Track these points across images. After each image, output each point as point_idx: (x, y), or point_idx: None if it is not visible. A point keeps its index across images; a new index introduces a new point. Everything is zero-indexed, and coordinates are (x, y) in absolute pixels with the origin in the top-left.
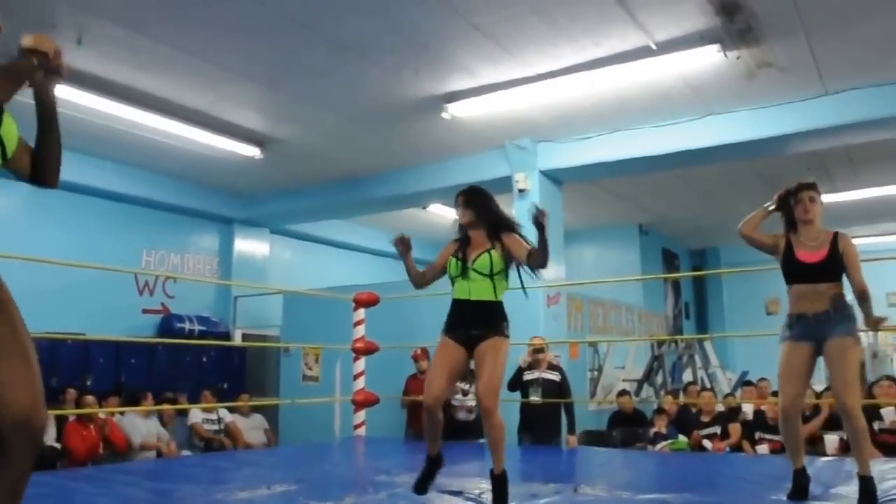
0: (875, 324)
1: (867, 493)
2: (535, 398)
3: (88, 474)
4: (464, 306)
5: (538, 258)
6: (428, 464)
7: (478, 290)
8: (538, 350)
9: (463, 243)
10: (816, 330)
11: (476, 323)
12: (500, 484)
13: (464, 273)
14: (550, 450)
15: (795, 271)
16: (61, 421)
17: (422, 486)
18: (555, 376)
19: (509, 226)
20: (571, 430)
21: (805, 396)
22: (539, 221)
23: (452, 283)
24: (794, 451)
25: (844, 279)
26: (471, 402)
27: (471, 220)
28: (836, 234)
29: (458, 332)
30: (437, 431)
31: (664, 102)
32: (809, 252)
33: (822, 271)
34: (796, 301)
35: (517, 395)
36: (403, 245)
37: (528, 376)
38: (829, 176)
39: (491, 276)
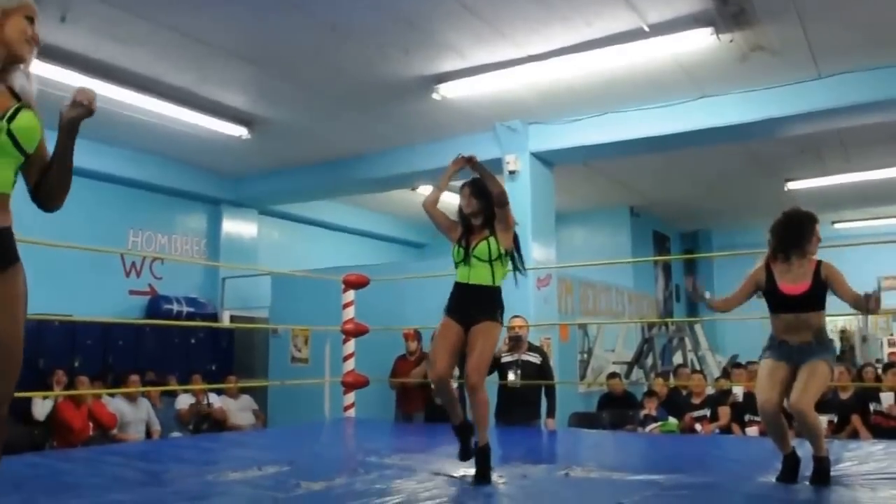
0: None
1: (822, 472)
2: (513, 380)
3: (79, 455)
4: (464, 289)
5: (494, 192)
6: (457, 432)
7: (477, 275)
8: (515, 338)
9: (466, 231)
10: (797, 356)
11: (474, 305)
12: (483, 455)
13: (466, 259)
14: (534, 431)
15: (779, 303)
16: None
17: (465, 454)
18: (535, 358)
19: (500, 203)
20: (551, 414)
21: (784, 398)
22: (474, 166)
23: (456, 267)
24: (779, 441)
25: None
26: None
27: (476, 209)
28: (818, 264)
29: (458, 313)
30: (454, 403)
31: (657, 84)
32: (792, 284)
33: (806, 302)
34: (781, 330)
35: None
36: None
37: (506, 358)
38: (820, 159)
39: (490, 261)
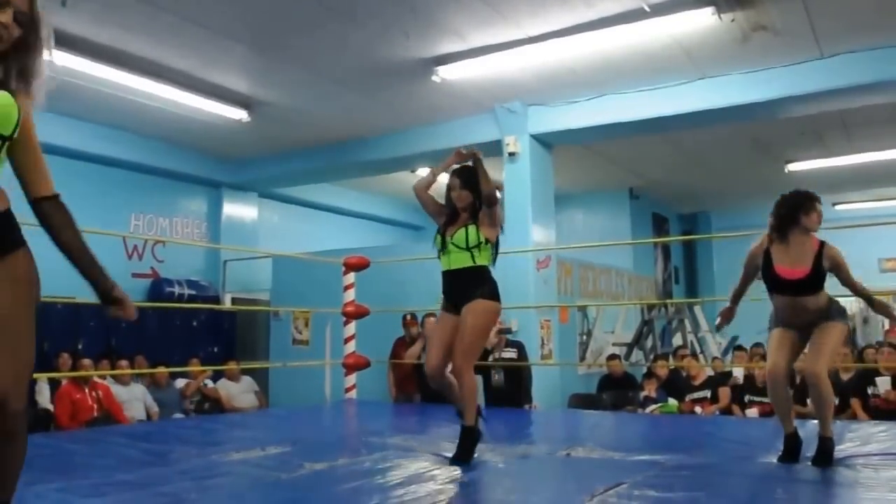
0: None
1: (825, 453)
2: (497, 380)
3: (84, 436)
4: (449, 277)
5: (484, 191)
6: (459, 416)
7: (456, 260)
8: (501, 330)
9: (449, 218)
10: (805, 328)
11: (461, 288)
12: (467, 435)
13: (443, 247)
14: (534, 412)
15: (776, 286)
16: (54, 384)
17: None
18: (512, 353)
19: (488, 203)
20: (528, 401)
21: (792, 365)
22: (476, 162)
23: (438, 257)
24: (784, 416)
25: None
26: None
27: (466, 203)
28: (821, 247)
29: (449, 301)
30: (452, 391)
31: (657, 65)
32: (789, 267)
33: (805, 287)
34: (782, 312)
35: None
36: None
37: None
38: (821, 140)
39: (468, 248)
